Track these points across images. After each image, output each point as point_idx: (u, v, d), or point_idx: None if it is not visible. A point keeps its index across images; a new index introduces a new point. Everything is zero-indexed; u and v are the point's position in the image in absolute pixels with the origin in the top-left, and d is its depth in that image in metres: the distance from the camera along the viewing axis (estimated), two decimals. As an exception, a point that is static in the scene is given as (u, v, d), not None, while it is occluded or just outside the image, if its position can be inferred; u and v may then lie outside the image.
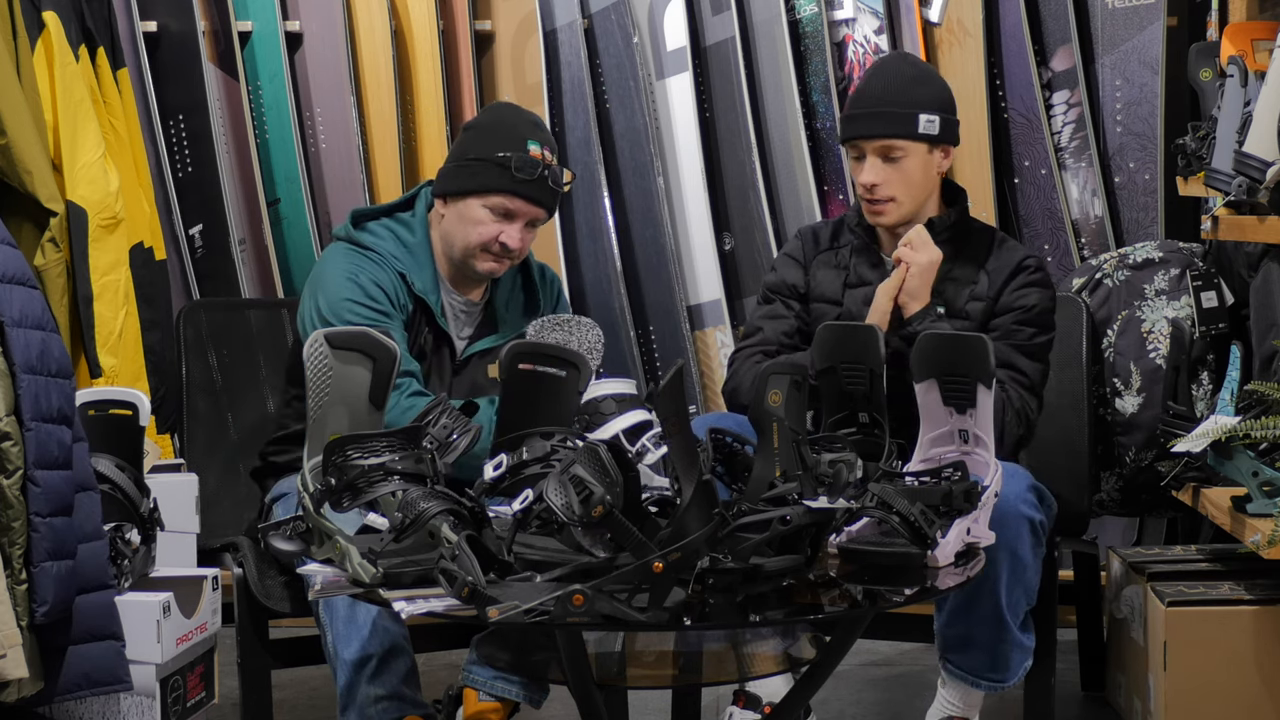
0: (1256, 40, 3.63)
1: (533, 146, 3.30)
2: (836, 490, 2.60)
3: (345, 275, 3.30)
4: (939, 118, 3.35)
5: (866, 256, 3.43)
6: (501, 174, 3.29)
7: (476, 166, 3.31)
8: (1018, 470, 3.16)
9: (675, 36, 4.61)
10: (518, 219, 3.31)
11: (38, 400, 2.62)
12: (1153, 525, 4.41)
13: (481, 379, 3.37)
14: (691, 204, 4.63)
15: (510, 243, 3.31)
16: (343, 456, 2.50)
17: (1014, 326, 3.32)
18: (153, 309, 4.14)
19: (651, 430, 2.65)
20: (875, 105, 3.35)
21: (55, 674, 2.67)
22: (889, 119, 3.34)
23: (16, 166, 3.84)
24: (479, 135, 3.36)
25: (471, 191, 3.31)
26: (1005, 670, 3.18)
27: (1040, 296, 3.36)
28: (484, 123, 3.42)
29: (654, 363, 4.67)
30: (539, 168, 3.29)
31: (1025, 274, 3.36)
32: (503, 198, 3.30)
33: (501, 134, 3.33)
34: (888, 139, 3.33)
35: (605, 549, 2.33)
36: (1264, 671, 3.35)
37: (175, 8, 4.50)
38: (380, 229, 3.40)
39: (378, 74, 4.59)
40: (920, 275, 3.27)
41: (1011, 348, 3.30)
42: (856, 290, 3.41)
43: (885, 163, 3.34)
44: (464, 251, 3.33)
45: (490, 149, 3.30)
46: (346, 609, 3.01)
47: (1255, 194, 3.40)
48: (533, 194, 3.31)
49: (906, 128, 3.34)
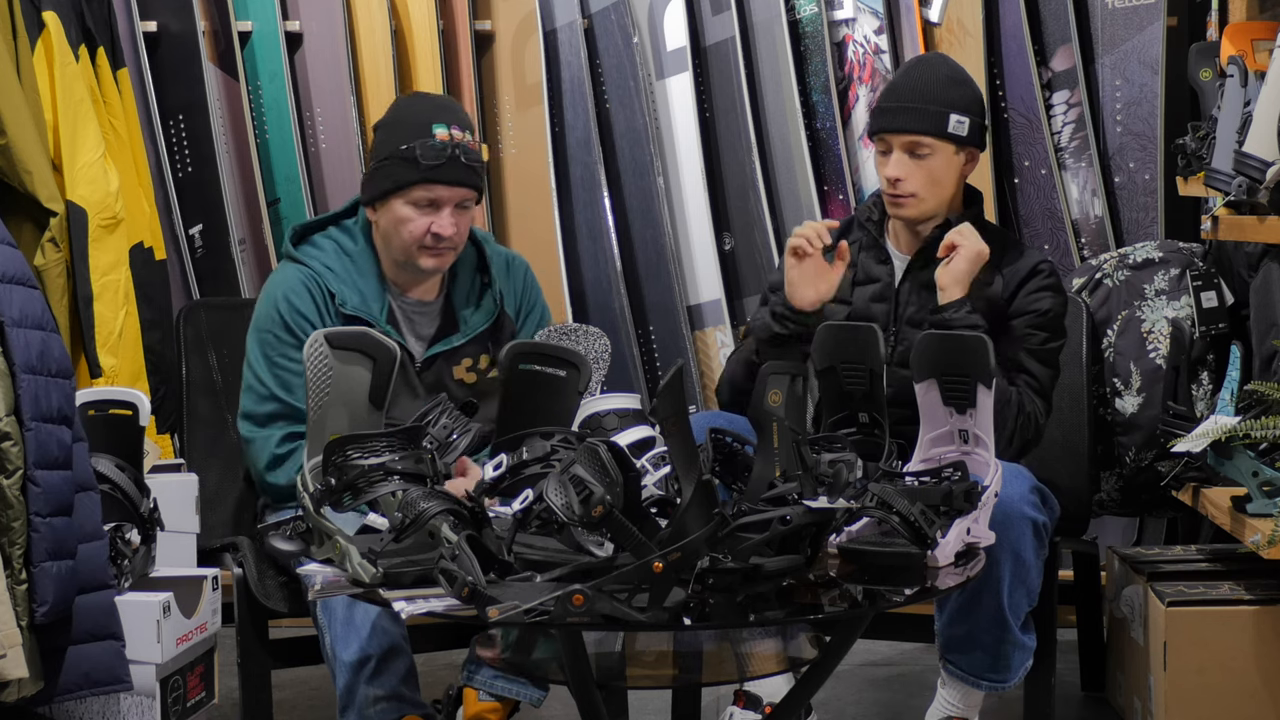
0: (1256, 40, 3.63)
1: (439, 130, 3.24)
2: (836, 490, 2.60)
3: (271, 302, 3.29)
4: (969, 120, 3.36)
5: (874, 254, 3.44)
6: (410, 166, 3.24)
7: (388, 166, 3.26)
8: (1020, 471, 3.16)
9: (675, 36, 4.61)
10: (444, 206, 3.26)
11: (38, 400, 2.62)
12: (1153, 525, 4.41)
13: (448, 380, 3.33)
14: (691, 204, 4.63)
15: (443, 231, 3.25)
16: (343, 456, 2.50)
17: (1027, 331, 3.32)
18: (153, 309, 4.14)
19: (653, 450, 2.64)
20: (907, 100, 3.36)
21: (55, 674, 2.67)
22: (920, 115, 3.34)
23: (16, 166, 3.84)
24: (385, 132, 3.31)
25: (390, 192, 3.27)
26: (1006, 671, 3.18)
27: (1054, 302, 3.36)
28: (388, 120, 3.35)
29: (654, 363, 4.67)
30: (446, 148, 3.23)
31: (1040, 278, 3.37)
32: (420, 190, 3.24)
33: (405, 127, 3.27)
34: (916, 135, 3.34)
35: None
36: (1264, 671, 3.35)
37: (175, 8, 4.50)
38: (324, 240, 3.37)
39: (378, 74, 4.58)
40: (968, 260, 3.25)
41: (1024, 352, 3.30)
42: (865, 288, 3.42)
43: (911, 158, 3.35)
44: (403, 253, 3.29)
45: (396, 144, 3.26)
46: (344, 610, 3.01)
47: (1255, 194, 3.40)
48: (448, 177, 3.24)
49: (936, 125, 3.34)
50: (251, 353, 3.30)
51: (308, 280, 3.29)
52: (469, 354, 3.36)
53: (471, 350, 3.37)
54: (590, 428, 2.73)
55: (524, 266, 3.48)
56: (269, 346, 3.27)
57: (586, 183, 4.64)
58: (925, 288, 3.36)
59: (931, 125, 3.34)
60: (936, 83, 3.38)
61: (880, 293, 3.40)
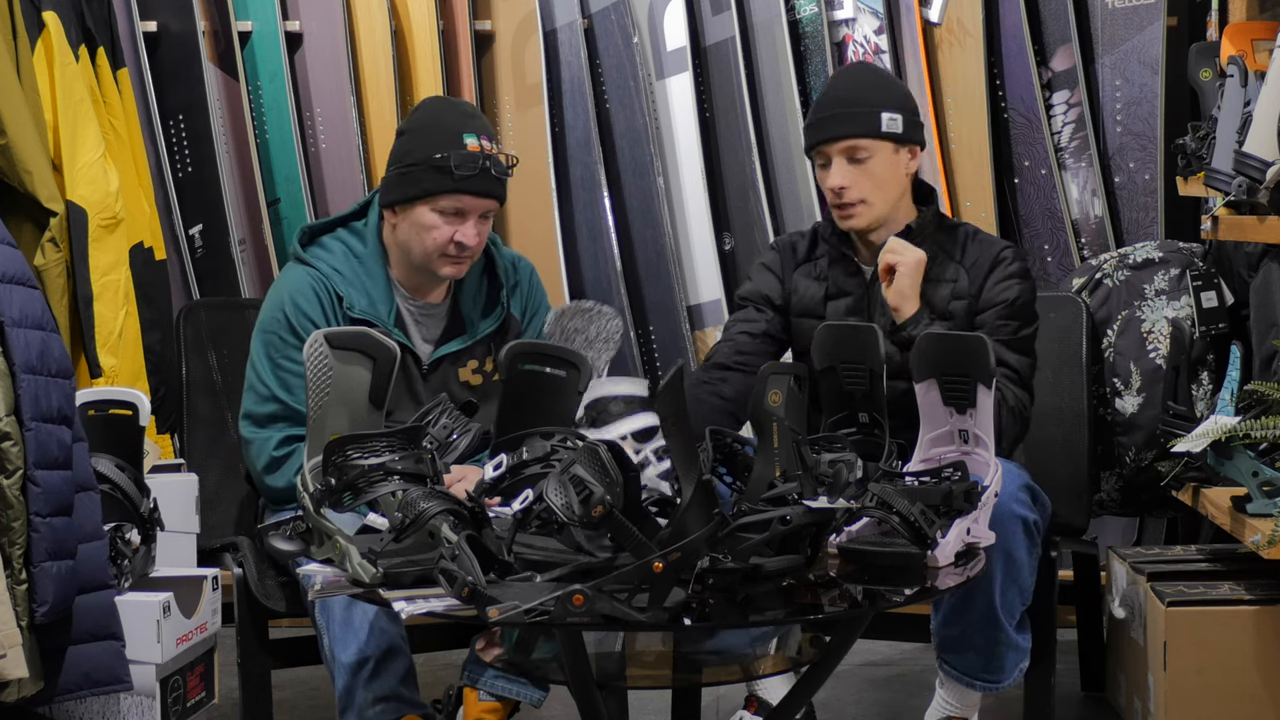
0: (1256, 40, 3.63)
1: (469, 140, 3.25)
2: (836, 490, 2.60)
3: (277, 304, 3.30)
4: (901, 116, 3.34)
5: (843, 267, 3.42)
6: (443, 176, 3.23)
7: (417, 172, 3.26)
8: (1010, 469, 3.15)
9: (675, 36, 4.61)
10: (470, 216, 3.26)
11: (38, 400, 2.63)
12: (1153, 525, 4.41)
13: (453, 382, 3.33)
14: (691, 204, 4.63)
15: (467, 241, 3.26)
16: (343, 456, 2.50)
17: (999, 322, 3.30)
18: (153, 309, 4.14)
19: (657, 439, 2.64)
20: (836, 108, 3.35)
21: (55, 674, 2.67)
22: (851, 119, 3.33)
23: (16, 166, 3.84)
24: (414, 138, 3.30)
25: (417, 198, 3.26)
26: (1000, 672, 3.18)
27: (1021, 289, 3.34)
28: (417, 125, 3.34)
29: (654, 363, 4.67)
30: (479, 160, 3.23)
31: (1004, 266, 3.35)
32: (450, 199, 3.25)
33: (436, 134, 3.27)
34: (852, 139, 3.32)
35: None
36: (1264, 671, 3.35)
37: (175, 8, 4.50)
38: (332, 242, 3.37)
39: (378, 74, 4.58)
40: (911, 274, 3.26)
41: (999, 343, 3.28)
42: (838, 301, 3.40)
43: (851, 164, 3.33)
44: (423, 258, 3.29)
45: (427, 151, 3.25)
46: (343, 611, 3.01)
47: (1255, 194, 3.40)
48: (479, 188, 3.25)
49: (869, 126, 3.33)
50: (255, 353, 3.30)
51: (315, 283, 3.29)
52: (475, 356, 3.36)
53: (478, 352, 3.37)
54: (597, 411, 2.72)
55: (529, 269, 3.48)
56: (273, 348, 3.27)
57: (586, 183, 4.64)
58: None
59: (864, 127, 3.33)
60: (861, 86, 3.39)
61: (853, 305, 3.38)
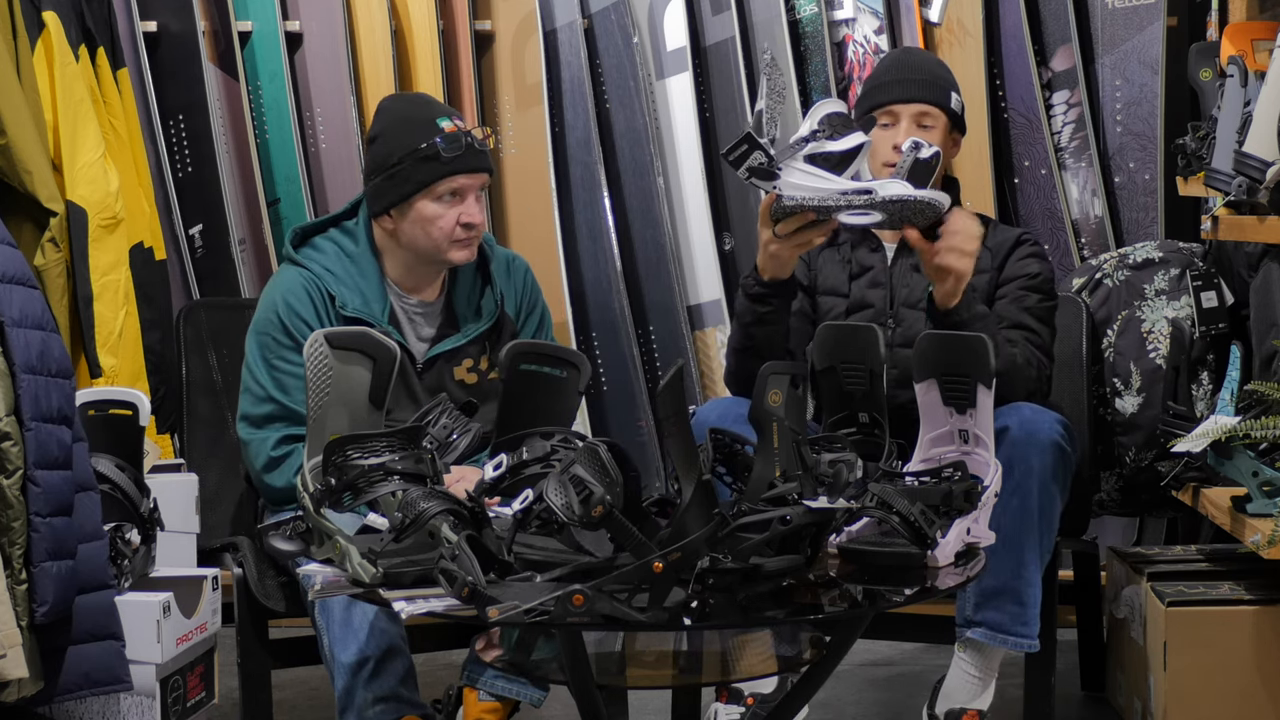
0: (1256, 40, 3.63)
1: (444, 123, 3.28)
2: (836, 490, 2.60)
3: (270, 305, 3.30)
4: (961, 102, 3.46)
5: (866, 244, 3.49)
6: (433, 163, 3.25)
7: (406, 169, 3.27)
8: (1048, 411, 3.22)
9: (675, 36, 4.61)
10: (468, 194, 3.29)
11: (38, 400, 2.63)
12: (1153, 525, 4.41)
13: (449, 381, 3.33)
14: (691, 204, 4.63)
15: (473, 219, 3.28)
16: (343, 456, 2.50)
17: (1021, 292, 3.39)
18: (153, 309, 4.14)
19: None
20: (913, 73, 3.44)
21: (55, 674, 2.68)
22: (928, 85, 3.42)
23: (16, 166, 3.84)
24: (390, 140, 3.30)
25: (413, 193, 3.27)
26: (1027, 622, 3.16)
27: (1042, 266, 3.44)
28: (388, 126, 3.33)
29: (654, 363, 4.67)
30: (461, 139, 3.26)
31: (1025, 246, 3.46)
32: (446, 182, 3.26)
33: (411, 128, 3.28)
34: (926, 104, 3.40)
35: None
36: (1264, 671, 3.35)
37: (175, 8, 4.50)
38: (324, 242, 3.37)
39: (378, 74, 4.58)
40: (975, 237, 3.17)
41: (1022, 310, 3.36)
42: (861, 278, 3.47)
43: (919, 130, 3.39)
44: (434, 250, 3.30)
45: (409, 146, 3.26)
46: (342, 612, 3.01)
47: (1255, 194, 3.40)
48: (471, 165, 3.28)
49: (942, 98, 3.42)
50: (250, 354, 3.30)
51: (308, 283, 3.29)
52: (470, 355, 3.37)
53: (472, 351, 3.37)
54: (828, 124, 2.87)
55: (524, 267, 3.49)
56: (267, 349, 3.27)
57: (586, 183, 4.64)
58: (916, 269, 3.40)
59: (939, 97, 3.42)
60: (932, 64, 3.53)
61: (875, 279, 3.45)
